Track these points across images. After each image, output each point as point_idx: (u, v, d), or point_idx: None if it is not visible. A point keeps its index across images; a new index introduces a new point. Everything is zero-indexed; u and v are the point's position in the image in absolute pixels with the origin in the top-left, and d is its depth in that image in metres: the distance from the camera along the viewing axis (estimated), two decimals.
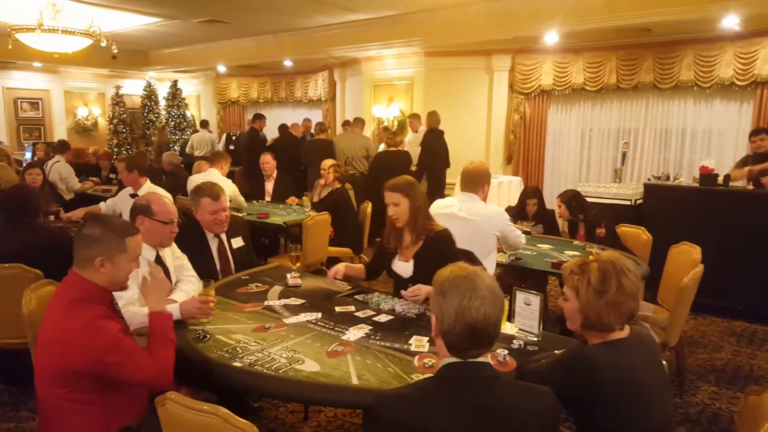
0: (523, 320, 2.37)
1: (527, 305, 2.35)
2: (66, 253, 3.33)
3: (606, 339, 1.73)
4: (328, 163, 5.99)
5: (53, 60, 9.60)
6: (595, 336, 1.76)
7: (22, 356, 3.27)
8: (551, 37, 7.60)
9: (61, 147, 7.34)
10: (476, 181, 3.50)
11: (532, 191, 5.02)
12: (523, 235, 3.72)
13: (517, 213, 4.90)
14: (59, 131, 12.87)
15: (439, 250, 2.79)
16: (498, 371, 1.56)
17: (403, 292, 2.67)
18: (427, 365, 2.06)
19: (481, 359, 1.48)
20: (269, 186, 6.60)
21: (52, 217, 4.76)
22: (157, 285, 2.24)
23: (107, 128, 13.45)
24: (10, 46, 7.55)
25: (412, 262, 2.89)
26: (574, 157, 8.87)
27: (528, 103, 8.84)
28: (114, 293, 2.13)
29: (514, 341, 2.27)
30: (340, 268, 3.01)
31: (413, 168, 7.41)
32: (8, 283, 3.01)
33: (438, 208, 3.63)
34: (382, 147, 8.37)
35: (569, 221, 4.71)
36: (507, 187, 7.84)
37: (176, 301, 2.59)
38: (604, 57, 8.07)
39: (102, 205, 5.19)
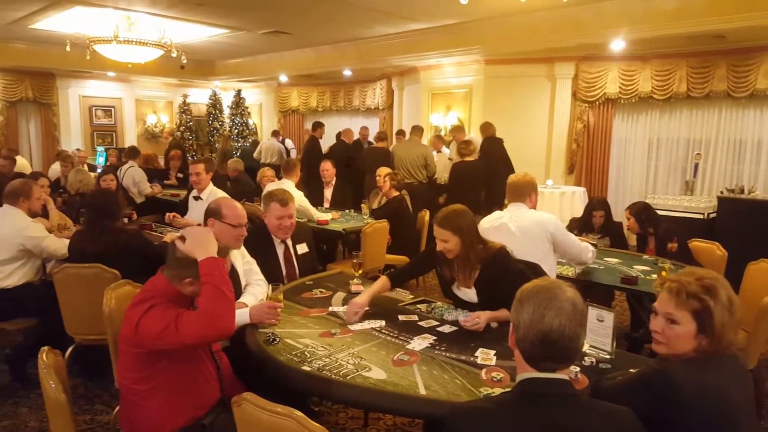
0: (595, 337, 2.29)
1: (600, 321, 2.28)
2: (141, 255, 3.53)
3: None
4: (384, 171, 6.02)
5: (126, 70, 10.15)
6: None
7: (99, 352, 3.46)
8: (617, 45, 7.40)
9: (132, 153, 7.72)
10: (522, 192, 3.52)
11: (599, 203, 4.86)
12: (591, 249, 3.58)
13: (582, 225, 4.77)
14: (129, 137, 13.53)
15: (498, 270, 2.68)
16: (578, 389, 1.52)
17: (461, 320, 2.58)
18: (495, 379, 2.02)
19: (559, 376, 1.44)
20: (328, 193, 6.71)
21: (126, 220, 5.00)
22: (196, 236, 2.11)
23: (174, 135, 14.03)
24: (88, 57, 8.03)
25: (474, 290, 2.76)
26: (641, 168, 8.57)
27: (592, 111, 8.62)
28: None
29: (586, 358, 2.21)
30: (362, 301, 2.66)
31: None
32: (88, 283, 3.18)
33: (488, 222, 3.62)
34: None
35: (638, 235, 4.54)
36: (570, 198, 7.65)
37: (246, 305, 2.69)
38: (674, 64, 7.78)
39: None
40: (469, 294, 2.78)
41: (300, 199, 5.42)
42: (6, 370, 3.68)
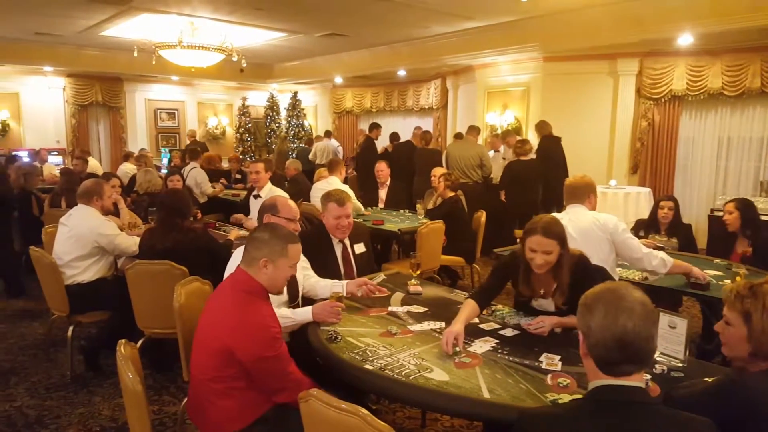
0: (666, 344, 2.20)
1: (672, 328, 2.19)
2: (207, 252, 3.64)
3: None
4: (438, 171, 6.00)
5: (189, 74, 10.52)
6: (760, 365, 1.59)
7: (167, 345, 3.61)
8: (685, 39, 7.08)
9: (194, 154, 7.99)
10: (581, 193, 3.45)
11: (667, 197, 4.64)
12: (659, 256, 3.26)
13: (649, 225, 4.58)
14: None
15: (581, 277, 2.49)
16: (655, 398, 1.46)
17: (524, 324, 2.53)
18: (561, 385, 1.97)
19: (634, 383, 1.39)
20: (383, 193, 6.74)
21: (191, 219, 5.19)
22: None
23: (234, 137, 14.48)
24: (153, 62, 8.39)
25: (551, 300, 2.61)
26: (709, 168, 8.17)
27: (657, 109, 8.29)
28: None
29: (657, 366, 2.12)
30: (458, 330, 2.29)
31: None
32: (158, 279, 3.31)
33: None
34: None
35: (725, 235, 4.23)
36: (635, 199, 7.37)
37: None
38: (747, 59, 7.37)
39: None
40: (546, 304, 2.66)
41: (348, 192, 5.53)
42: (81, 360, 3.89)
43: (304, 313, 2.57)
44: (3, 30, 8.99)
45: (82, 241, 3.79)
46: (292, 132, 14.10)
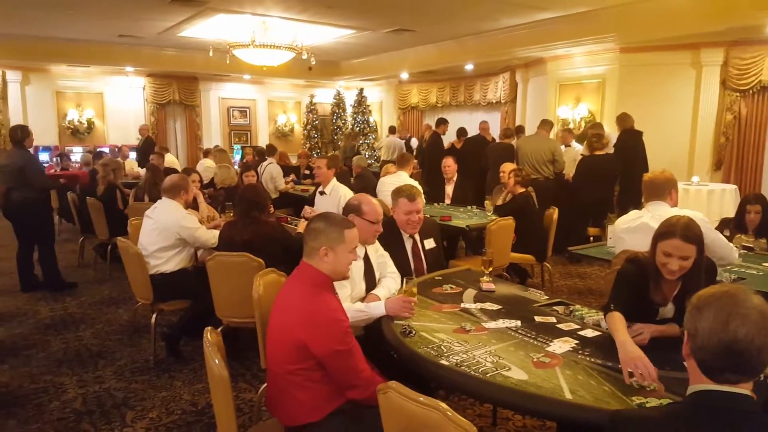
0: None
1: None
2: (281, 245, 3.74)
3: None
4: (508, 167, 5.87)
5: (261, 72, 10.86)
6: None
7: (242, 333, 3.73)
8: None
9: (271, 150, 8.27)
10: (662, 190, 3.30)
11: (755, 197, 4.35)
12: (735, 248, 3.31)
13: (736, 225, 4.31)
14: (262, 136, 14.48)
15: (708, 281, 2.29)
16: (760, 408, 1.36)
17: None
18: (649, 389, 1.88)
19: (742, 390, 1.30)
20: (449, 189, 6.68)
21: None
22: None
23: (302, 134, 14.80)
24: (228, 61, 8.70)
25: (671, 306, 2.41)
26: None
27: (744, 101, 7.79)
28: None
29: None
30: (642, 355, 1.96)
31: None
32: (236, 270, 3.43)
33: (625, 222, 3.42)
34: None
35: None
36: (719, 197, 6.96)
37: (379, 297, 2.76)
38: None
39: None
40: (664, 311, 2.45)
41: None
42: (163, 346, 4.09)
43: (378, 307, 2.58)
44: (90, 33, 9.59)
45: (165, 233, 3.99)
46: (358, 128, 14.26)
